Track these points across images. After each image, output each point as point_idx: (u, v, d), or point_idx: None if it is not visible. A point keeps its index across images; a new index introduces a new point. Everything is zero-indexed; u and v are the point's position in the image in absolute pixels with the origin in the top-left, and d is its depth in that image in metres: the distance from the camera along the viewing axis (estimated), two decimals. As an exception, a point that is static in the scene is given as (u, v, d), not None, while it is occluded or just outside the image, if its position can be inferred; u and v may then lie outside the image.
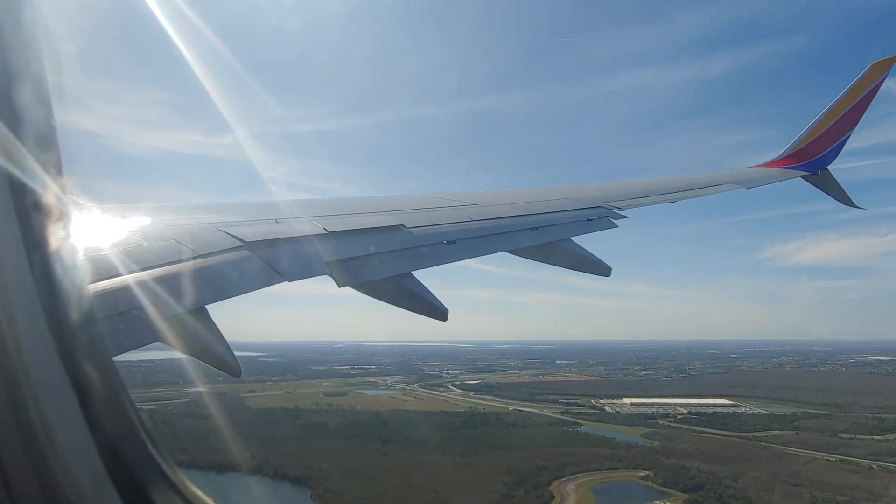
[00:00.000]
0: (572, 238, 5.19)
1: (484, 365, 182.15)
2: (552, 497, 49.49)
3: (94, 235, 3.27)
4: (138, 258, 3.02)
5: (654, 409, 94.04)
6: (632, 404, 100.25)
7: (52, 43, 1.67)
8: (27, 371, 1.34)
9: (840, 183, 9.94)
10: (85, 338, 1.60)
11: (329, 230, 3.97)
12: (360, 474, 54.94)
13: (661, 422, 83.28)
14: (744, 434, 74.44)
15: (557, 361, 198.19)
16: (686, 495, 50.20)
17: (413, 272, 4.01)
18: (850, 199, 10.10)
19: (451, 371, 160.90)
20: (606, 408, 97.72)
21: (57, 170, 1.59)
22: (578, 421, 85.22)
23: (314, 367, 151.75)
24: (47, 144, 1.56)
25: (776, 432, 75.33)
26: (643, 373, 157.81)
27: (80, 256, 2.35)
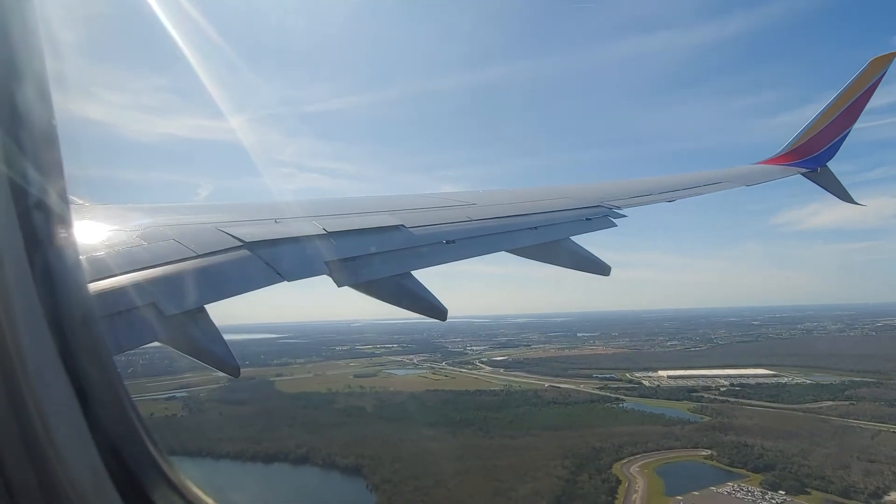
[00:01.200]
0: (572, 238, 5.19)
1: (506, 340, 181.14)
2: (618, 481, 47.47)
3: (95, 235, 3.33)
4: (138, 258, 3.00)
5: (693, 382, 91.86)
6: (669, 377, 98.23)
7: (53, 37, 1.63)
8: (27, 371, 1.34)
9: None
10: (85, 338, 1.61)
11: (328, 230, 3.97)
12: (412, 461, 53.23)
13: (705, 395, 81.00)
14: (796, 406, 72.02)
15: (579, 334, 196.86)
16: (760, 476, 47.94)
17: (413, 272, 4.00)
18: (849, 196, 9.90)
19: (474, 347, 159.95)
20: (644, 381, 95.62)
21: (58, 170, 1.58)
22: (619, 396, 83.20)
23: (337, 348, 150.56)
24: (48, 144, 1.55)
25: (829, 403, 72.83)
26: (669, 343, 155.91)
27: (81, 257, 2.32)
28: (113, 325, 2.47)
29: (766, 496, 44.76)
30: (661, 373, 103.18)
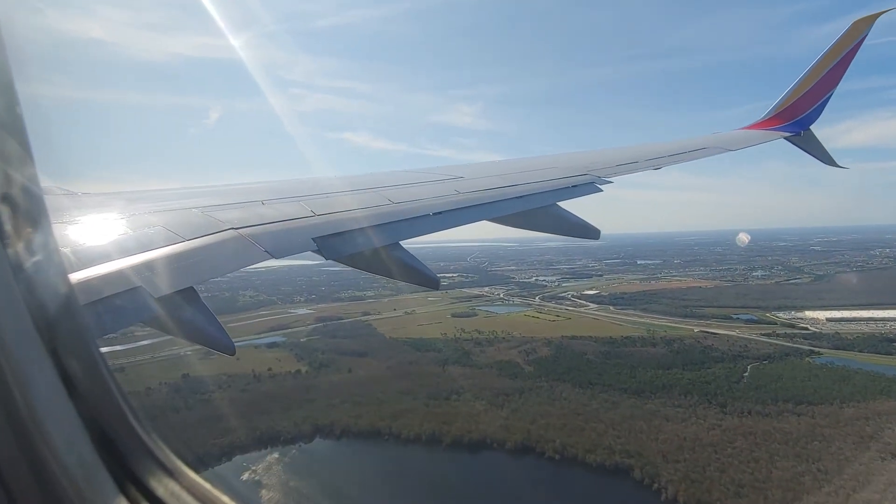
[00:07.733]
0: (559, 203, 5.22)
1: (569, 269, 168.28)
2: None
3: (82, 224, 3.38)
4: (126, 245, 3.01)
5: (865, 327, 79.98)
6: (828, 319, 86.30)
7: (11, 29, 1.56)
8: (13, 366, 1.34)
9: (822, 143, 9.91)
10: (70, 329, 1.63)
11: (316, 212, 3.97)
12: (691, 458, 40.87)
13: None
14: None
15: (639, 262, 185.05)
16: None
17: (402, 244, 4.07)
18: (832, 159, 9.95)
19: (545, 277, 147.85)
20: (808, 326, 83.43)
21: (27, 158, 1.56)
22: (811, 348, 70.74)
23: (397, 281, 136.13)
24: (14, 132, 1.53)
25: None
26: (755, 274, 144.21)
27: (61, 247, 2.31)
28: (101, 312, 2.42)
29: None
30: (809, 313, 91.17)
